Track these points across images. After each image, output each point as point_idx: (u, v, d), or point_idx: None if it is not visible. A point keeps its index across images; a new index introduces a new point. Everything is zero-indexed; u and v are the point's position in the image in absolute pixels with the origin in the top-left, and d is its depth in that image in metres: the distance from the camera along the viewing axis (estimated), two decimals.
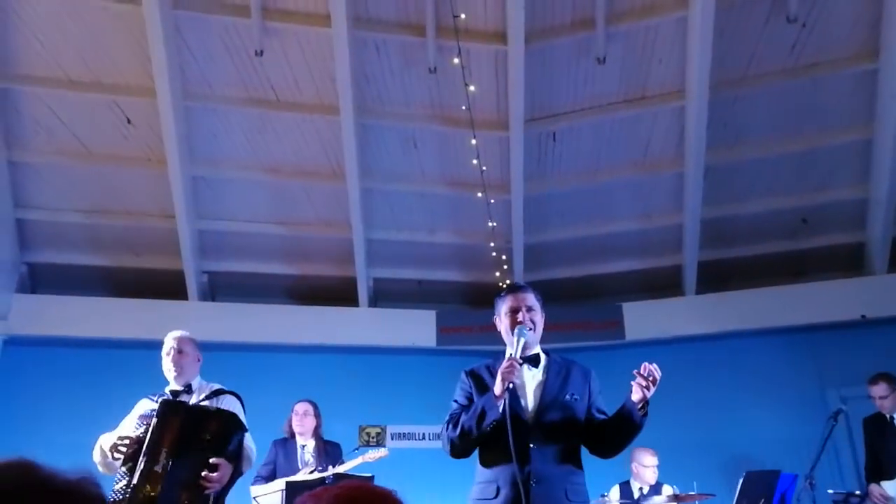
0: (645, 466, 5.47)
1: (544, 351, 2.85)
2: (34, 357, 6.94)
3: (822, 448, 4.67)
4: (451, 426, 2.68)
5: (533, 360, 2.75)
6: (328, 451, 4.87)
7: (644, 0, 5.78)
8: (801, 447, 5.89)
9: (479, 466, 2.71)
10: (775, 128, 6.50)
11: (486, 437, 2.59)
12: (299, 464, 4.80)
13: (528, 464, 2.51)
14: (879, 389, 4.89)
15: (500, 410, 2.54)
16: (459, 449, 2.67)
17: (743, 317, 7.09)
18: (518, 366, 2.59)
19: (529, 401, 2.69)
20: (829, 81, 6.14)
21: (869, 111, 6.23)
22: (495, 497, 2.55)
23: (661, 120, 6.51)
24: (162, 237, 7.07)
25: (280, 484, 4.47)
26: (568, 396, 2.70)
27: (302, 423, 4.94)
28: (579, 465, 2.68)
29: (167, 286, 7.23)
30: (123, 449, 3.05)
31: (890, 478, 4.75)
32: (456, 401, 2.80)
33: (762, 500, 4.66)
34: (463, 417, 2.64)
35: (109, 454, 3.12)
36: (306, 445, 4.91)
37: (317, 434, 4.99)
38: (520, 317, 2.76)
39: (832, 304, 6.89)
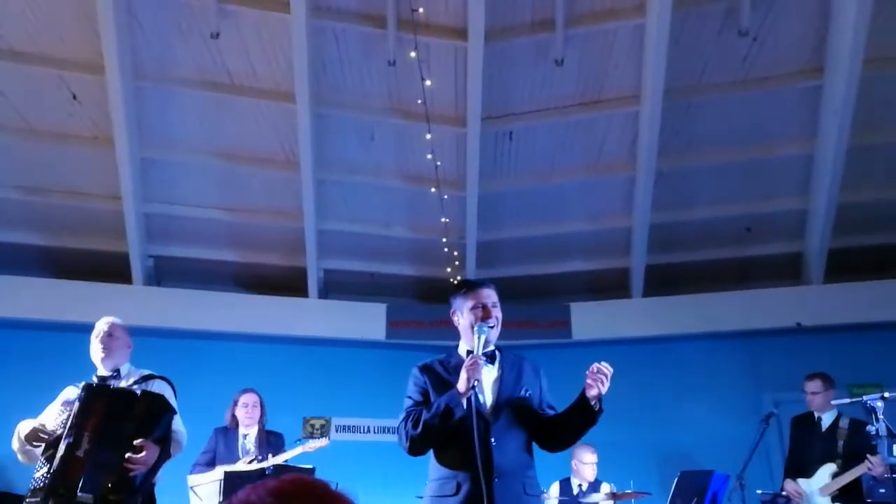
0: (584, 464, 5.58)
1: (497, 347, 2.86)
2: None
3: (753, 450, 4.83)
4: (409, 423, 2.65)
5: (489, 357, 2.76)
6: (270, 441, 4.82)
7: (603, 4, 5.86)
8: (736, 448, 6.06)
9: (433, 463, 2.69)
10: (724, 137, 6.67)
11: (447, 434, 2.58)
12: (240, 453, 4.74)
13: (490, 459, 2.53)
14: (813, 385, 5.08)
15: (465, 408, 2.55)
16: (419, 447, 2.65)
17: (687, 320, 7.28)
18: (481, 363, 2.60)
19: (488, 397, 2.71)
20: (776, 95, 6.34)
21: (812, 125, 6.45)
22: (455, 493, 2.54)
23: (616, 124, 6.62)
24: (107, 219, 6.86)
25: (218, 473, 4.41)
26: (523, 392, 2.74)
27: (251, 414, 4.87)
28: (532, 459, 2.74)
29: (111, 269, 7.04)
30: (44, 436, 2.98)
31: (808, 475, 4.94)
32: (410, 397, 2.78)
33: (695, 500, 4.81)
34: (425, 415, 2.61)
35: (27, 442, 3.04)
36: (248, 434, 4.85)
37: (260, 424, 4.93)
38: (489, 312, 2.77)
39: (770, 311, 7.13)
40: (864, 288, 7.02)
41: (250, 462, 4.56)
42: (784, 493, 5.04)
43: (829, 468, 4.84)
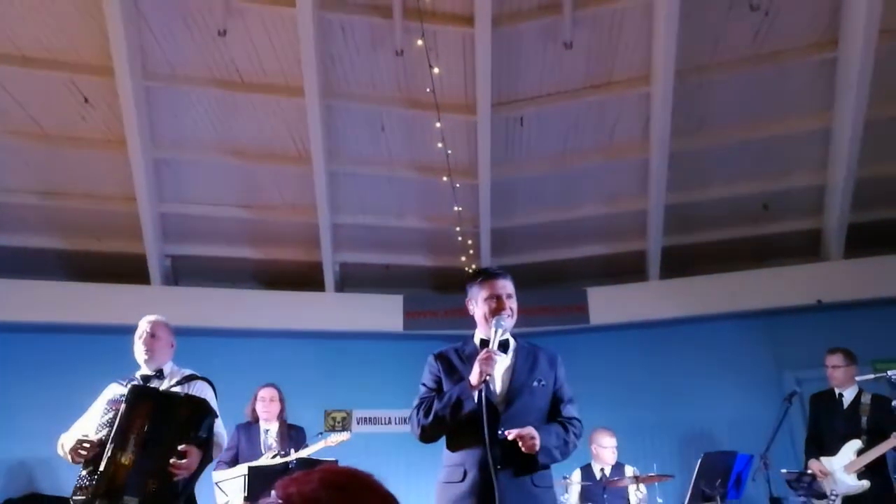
0: (603, 447, 5.57)
1: (513, 336, 2.85)
2: None
3: (776, 429, 4.79)
4: (422, 412, 2.68)
5: (503, 346, 2.75)
6: (292, 436, 4.86)
7: None
8: (758, 428, 6.04)
9: (445, 450, 2.72)
10: (738, 115, 6.59)
11: (457, 424, 2.61)
12: (262, 448, 4.79)
13: (496, 449, 2.53)
14: (835, 359, 5.03)
15: (476, 400, 2.55)
16: (430, 435, 2.68)
17: (704, 301, 7.23)
18: (495, 358, 2.60)
19: (498, 386, 2.70)
20: (790, 70, 6.24)
21: (828, 99, 6.34)
22: (462, 480, 2.57)
23: (628, 105, 6.56)
24: (123, 220, 6.92)
25: (242, 469, 4.45)
26: (536, 383, 2.72)
27: (268, 408, 4.92)
28: None
29: (129, 270, 7.10)
30: (84, 452, 3.00)
31: (833, 454, 4.90)
32: (424, 384, 2.80)
33: (719, 481, 4.79)
34: (436, 405, 2.64)
35: (69, 457, 3.06)
36: (270, 430, 4.89)
37: (281, 418, 4.98)
38: (503, 304, 2.76)
39: (790, 288, 7.06)
40: (884, 262, 6.93)
41: (273, 457, 4.60)
42: (809, 471, 5.00)
43: (854, 445, 4.80)
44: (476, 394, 2.56)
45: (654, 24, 5.87)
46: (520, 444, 2.51)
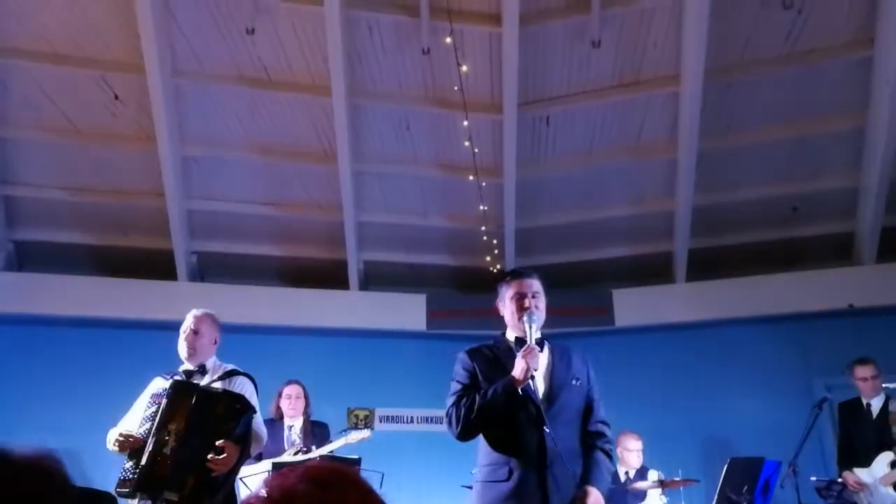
0: (629, 451, 5.51)
1: (544, 336, 2.85)
2: (20, 336, 6.89)
3: (805, 436, 4.70)
4: (462, 408, 2.63)
5: (539, 344, 2.75)
6: (315, 433, 4.88)
7: None
8: (786, 435, 5.92)
9: (485, 448, 2.68)
10: (769, 115, 6.48)
11: (500, 419, 2.61)
12: (286, 444, 4.81)
13: (544, 447, 2.54)
14: (866, 370, 4.93)
15: (520, 394, 2.58)
16: (472, 431, 2.64)
17: (732, 305, 7.12)
18: (537, 352, 2.62)
19: (539, 384, 2.69)
20: (823, 69, 6.12)
21: (863, 99, 6.21)
22: (507, 479, 2.54)
23: (655, 105, 6.48)
24: (151, 216, 7.00)
25: (266, 465, 4.47)
26: (574, 381, 2.74)
27: (294, 405, 4.95)
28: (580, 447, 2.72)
29: (156, 266, 7.18)
30: (132, 441, 3.05)
31: (864, 464, 4.80)
32: (458, 381, 2.76)
33: (746, 487, 4.70)
34: (479, 400, 2.60)
35: (120, 451, 3.12)
36: (294, 426, 4.92)
37: (305, 415, 5.00)
38: (526, 302, 2.77)
39: (821, 293, 6.92)
40: None
41: (296, 453, 4.62)
42: (840, 480, 4.91)
43: (888, 457, 4.70)
44: (520, 389, 2.57)
45: (684, 23, 5.80)
46: None
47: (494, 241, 7.28)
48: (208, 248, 7.41)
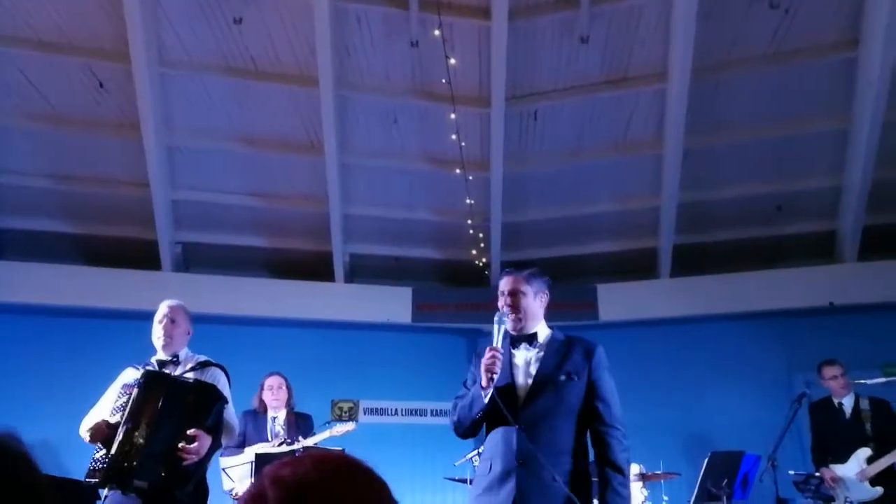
0: None
1: (549, 328, 2.85)
2: (2, 324, 6.82)
3: (785, 431, 4.76)
4: (452, 409, 2.80)
5: (529, 340, 2.75)
6: (299, 424, 4.87)
7: None
8: (766, 429, 5.99)
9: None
10: (754, 114, 6.53)
11: (480, 422, 2.68)
12: (269, 435, 4.80)
13: (517, 443, 2.55)
14: (834, 370, 5.03)
15: (486, 400, 2.58)
16: (460, 431, 2.77)
17: (715, 301, 7.19)
18: (499, 356, 2.60)
19: (521, 380, 2.69)
20: (808, 69, 6.17)
21: (846, 100, 6.28)
22: (488, 473, 2.61)
23: (642, 102, 6.51)
24: (135, 206, 6.95)
25: (249, 455, 4.46)
26: (563, 377, 2.64)
27: (277, 395, 4.94)
28: (575, 444, 2.60)
29: (140, 256, 7.13)
30: (99, 434, 3.04)
31: (840, 461, 4.88)
32: (464, 382, 2.86)
33: (725, 480, 4.76)
34: (459, 403, 2.75)
35: (88, 438, 3.11)
36: (277, 417, 4.91)
37: (288, 406, 4.99)
38: (500, 302, 2.78)
39: (803, 290, 7.01)
40: None
41: (280, 444, 4.62)
42: (817, 474, 4.99)
43: (864, 452, 4.79)
44: (487, 393, 2.57)
45: (672, 21, 5.82)
46: None
47: (480, 235, 7.29)
48: (193, 239, 7.37)
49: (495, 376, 2.57)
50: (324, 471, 0.89)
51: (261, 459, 4.32)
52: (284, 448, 4.53)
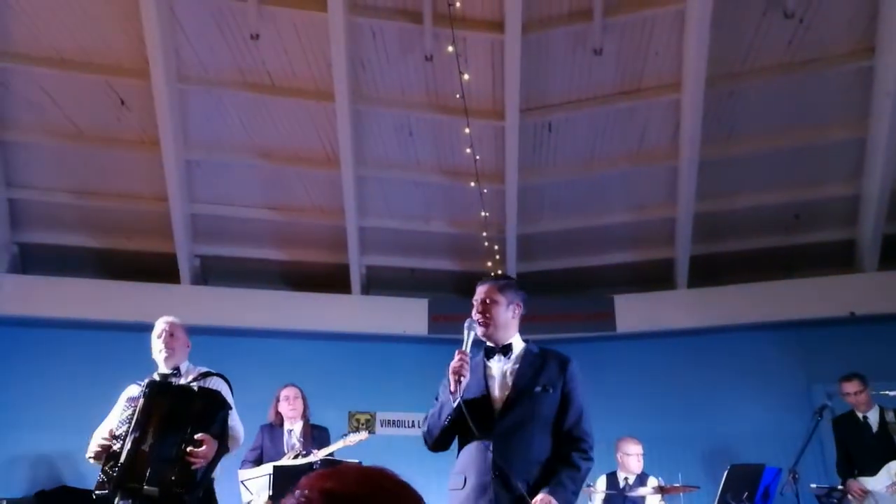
0: (628, 455, 5.51)
1: (524, 340, 2.84)
2: (24, 337, 6.93)
3: (806, 443, 4.71)
4: (423, 421, 2.79)
5: (504, 351, 2.76)
6: (315, 436, 4.89)
7: None
8: (786, 441, 5.94)
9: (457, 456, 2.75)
10: (770, 123, 6.50)
11: (451, 431, 2.66)
12: (285, 448, 4.82)
13: (492, 455, 2.53)
14: (854, 385, 4.97)
15: (454, 406, 2.57)
16: (429, 443, 2.77)
17: (733, 311, 7.13)
18: (467, 360, 2.61)
19: (497, 392, 2.69)
20: (824, 78, 6.14)
21: (863, 108, 6.23)
22: (462, 487, 2.58)
23: (657, 112, 6.51)
24: (154, 220, 7.04)
25: (268, 468, 4.49)
26: (539, 388, 2.65)
27: (293, 406, 4.96)
28: (550, 456, 2.61)
29: (159, 269, 7.21)
30: (106, 444, 3.10)
31: (870, 473, 4.81)
32: (437, 396, 2.81)
33: (746, 494, 4.70)
34: (429, 412, 2.74)
35: (94, 457, 3.16)
36: (293, 429, 4.93)
37: (304, 417, 5.01)
38: (473, 310, 2.81)
39: (822, 300, 6.93)
40: None
41: (295, 457, 4.64)
42: (840, 487, 4.92)
43: (894, 466, 4.71)
44: (457, 399, 2.56)
45: (686, 31, 5.83)
46: None
47: (496, 247, 7.30)
48: (211, 252, 7.45)
49: (463, 380, 2.57)
50: (371, 486, 0.91)
51: (278, 471, 4.34)
52: (301, 460, 4.55)
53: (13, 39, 5.91)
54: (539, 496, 2.46)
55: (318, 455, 4.56)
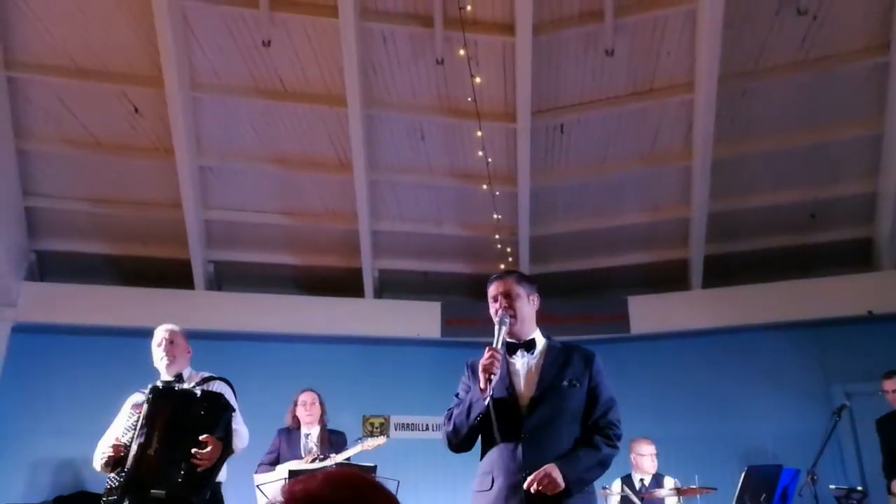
0: (642, 455, 5.48)
1: (545, 336, 2.79)
2: (42, 344, 7.00)
3: (824, 443, 4.66)
4: (446, 420, 2.68)
5: (527, 346, 2.70)
6: (332, 440, 4.91)
7: None
8: (804, 442, 5.88)
9: (481, 457, 2.68)
10: (784, 121, 6.46)
11: (477, 430, 2.58)
12: (302, 452, 4.84)
13: (522, 454, 2.47)
14: (892, 383, 4.87)
15: (486, 403, 2.50)
16: (454, 444, 2.66)
17: (749, 311, 7.07)
18: (499, 357, 2.54)
19: (523, 388, 2.62)
20: (839, 75, 6.09)
21: (879, 105, 6.18)
22: (490, 488, 2.51)
23: (669, 112, 6.48)
24: (169, 226, 7.09)
25: (283, 472, 4.51)
26: (566, 382, 2.60)
27: (310, 411, 4.98)
28: None
29: (174, 275, 7.27)
30: (113, 454, 3.14)
31: None
32: (457, 394, 2.77)
33: (764, 495, 4.66)
34: (454, 412, 2.64)
35: (101, 466, 3.20)
36: (311, 434, 4.95)
37: (322, 422, 5.03)
38: (496, 305, 2.73)
39: (839, 299, 6.86)
40: None
41: (312, 461, 4.65)
42: (860, 489, 4.85)
43: None
44: (487, 397, 2.49)
45: (698, 31, 5.80)
46: (538, 489, 2.37)
47: (508, 250, 7.30)
48: (225, 258, 7.49)
49: (494, 377, 2.49)
50: (334, 486, 0.92)
51: (293, 476, 4.35)
52: (317, 465, 4.56)
53: (30, 50, 5.98)
54: (544, 466, 2.41)
55: (335, 459, 4.57)
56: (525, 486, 2.40)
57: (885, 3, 5.63)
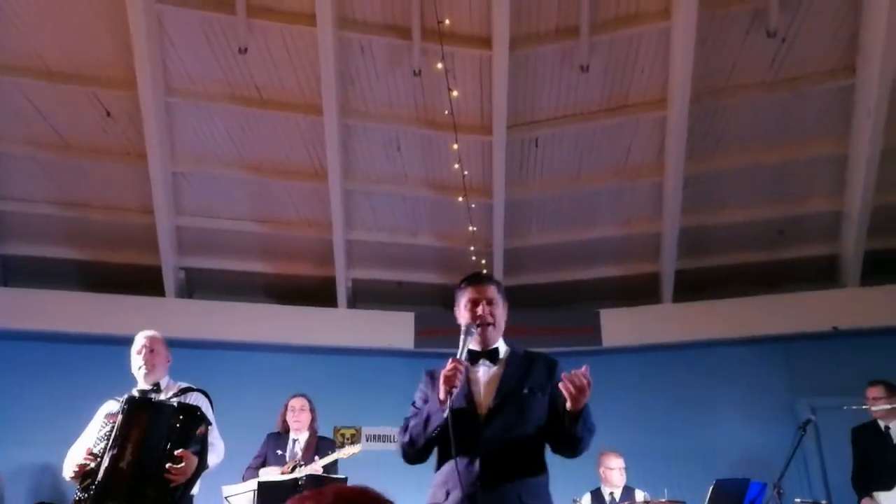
0: (611, 469, 5.50)
1: (508, 344, 2.70)
2: (6, 351, 6.84)
3: (790, 457, 4.72)
4: (402, 431, 2.57)
5: (490, 356, 2.60)
6: (319, 448, 4.88)
7: (628, 9, 5.84)
8: (770, 456, 5.97)
9: (437, 468, 2.57)
10: (754, 139, 6.59)
11: (434, 442, 2.48)
12: (288, 457, 4.81)
13: (479, 465, 2.37)
14: (877, 391, 4.93)
15: (445, 416, 2.36)
16: (410, 455, 2.55)
17: (718, 325, 7.18)
18: (462, 369, 2.39)
19: (483, 398, 2.50)
20: (806, 95, 6.24)
21: (845, 125, 6.34)
22: (445, 500, 2.41)
23: (643, 129, 6.58)
24: (140, 232, 7.00)
25: (252, 484, 4.45)
26: (526, 391, 2.49)
27: (298, 418, 4.96)
28: (540, 466, 2.47)
29: (144, 282, 7.16)
30: (84, 464, 3.01)
31: (887, 488, 4.76)
32: (413, 403, 2.66)
33: None
34: (411, 423, 2.54)
35: (71, 476, 3.08)
36: (299, 439, 4.92)
37: (312, 429, 5.00)
38: (479, 310, 2.59)
39: (805, 315, 7.00)
40: None
41: (293, 468, 4.61)
42: (826, 503, 4.91)
43: None
44: (445, 408, 2.35)
45: (671, 49, 5.91)
46: (569, 390, 2.24)
47: (483, 261, 7.32)
48: (197, 265, 7.40)
49: (455, 390, 2.35)
50: (348, 503, 0.91)
51: (263, 487, 4.30)
52: (287, 477, 4.51)
53: (0, 50, 5.87)
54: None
55: (312, 468, 4.54)
56: (561, 385, 2.27)
57: (851, 28, 5.79)
